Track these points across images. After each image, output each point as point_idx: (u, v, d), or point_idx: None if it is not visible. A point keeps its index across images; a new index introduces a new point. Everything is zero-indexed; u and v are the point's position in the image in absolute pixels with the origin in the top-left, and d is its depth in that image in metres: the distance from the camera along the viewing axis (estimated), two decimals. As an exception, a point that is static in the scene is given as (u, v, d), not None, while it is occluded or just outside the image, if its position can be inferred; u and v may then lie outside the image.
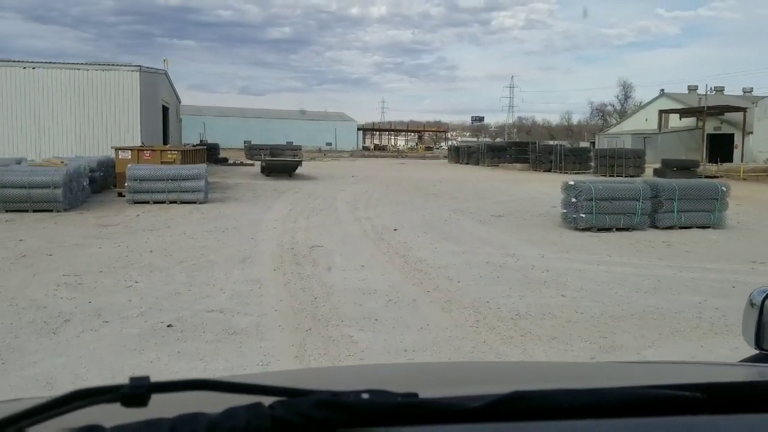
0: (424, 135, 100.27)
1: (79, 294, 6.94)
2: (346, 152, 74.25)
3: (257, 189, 21.37)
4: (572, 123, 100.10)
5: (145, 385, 0.67)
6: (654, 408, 0.80)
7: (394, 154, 75.41)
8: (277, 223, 13.07)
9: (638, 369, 1.41)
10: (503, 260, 9.19)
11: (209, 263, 8.73)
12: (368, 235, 11.70)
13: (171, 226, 12.36)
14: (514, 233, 12.03)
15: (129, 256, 9.14)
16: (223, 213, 14.53)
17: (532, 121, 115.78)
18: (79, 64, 25.89)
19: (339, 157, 60.40)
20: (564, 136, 77.66)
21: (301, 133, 79.58)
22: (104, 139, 24.89)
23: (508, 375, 1.29)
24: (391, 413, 0.73)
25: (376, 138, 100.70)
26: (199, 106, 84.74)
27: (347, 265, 8.70)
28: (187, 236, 11.06)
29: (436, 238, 11.24)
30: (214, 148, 43.96)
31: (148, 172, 16.27)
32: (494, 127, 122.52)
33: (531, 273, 8.37)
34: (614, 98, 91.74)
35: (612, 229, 12.21)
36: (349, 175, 30.41)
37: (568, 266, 8.85)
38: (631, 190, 12.35)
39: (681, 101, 49.90)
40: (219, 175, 28.63)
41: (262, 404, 0.70)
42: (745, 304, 1.45)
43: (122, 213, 14.33)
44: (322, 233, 11.70)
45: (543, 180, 29.46)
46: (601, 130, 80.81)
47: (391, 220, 13.81)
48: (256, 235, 11.37)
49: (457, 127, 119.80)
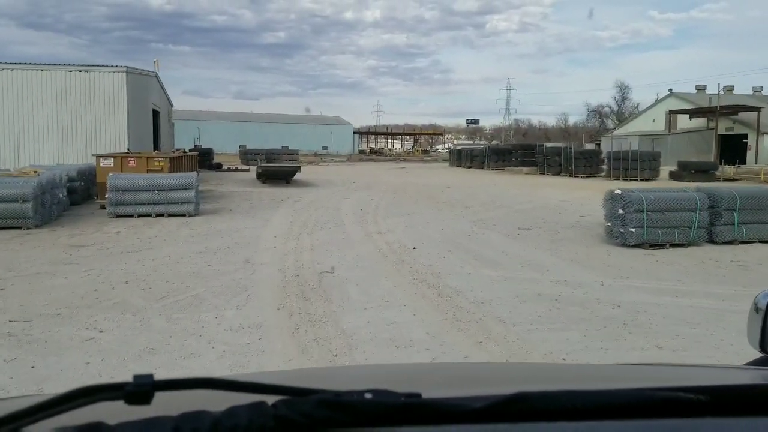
0: (420, 138, 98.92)
1: (22, 353, 5.24)
2: (342, 156, 72.82)
3: (253, 198, 19.67)
4: (569, 125, 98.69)
5: (149, 383, 0.66)
6: (658, 410, 0.79)
7: (392, 157, 73.84)
8: (278, 240, 11.38)
9: (643, 371, 1.32)
10: (557, 290, 7.52)
11: (196, 299, 7.03)
12: (384, 255, 10.02)
13: (154, 246, 10.65)
14: (553, 251, 10.37)
15: (98, 290, 7.44)
16: (216, 228, 12.83)
17: (528, 123, 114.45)
18: (61, 65, 24.11)
19: (336, 161, 58.88)
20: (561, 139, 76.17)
21: (297, 137, 78.16)
22: (89, 146, 23.13)
23: (511, 376, 1.28)
24: (394, 413, 0.73)
25: (371, 141, 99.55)
26: (193, 111, 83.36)
27: (368, 301, 7.02)
28: (172, 260, 9.36)
29: (466, 259, 9.57)
30: (208, 153, 42.23)
31: (131, 181, 14.55)
32: (489, 129, 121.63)
33: (599, 309, 6.71)
34: (611, 100, 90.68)
35: (665, 245, 10.56)
36: (349, 181, 28.75)
37: (638, 298, 7.19)
38: (686, 199, 10.70)
39: (690, 101, 48.38)
40: (212, 182, 26.93)
41: (265, 403, 0.70)
42: (750, 308, 1.42)
43: (101, 229, 12.61)
44: (331, 253, 10.02)
45: (555, 185, 27.86)
46: (598, 132, 79.60)
47: (406, 234, 12.14)
48: (254, 257, 9.67)
49: (452, 130, 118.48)
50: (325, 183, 27.28)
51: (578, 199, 20.59)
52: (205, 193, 20.73)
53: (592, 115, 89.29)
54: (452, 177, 34.25)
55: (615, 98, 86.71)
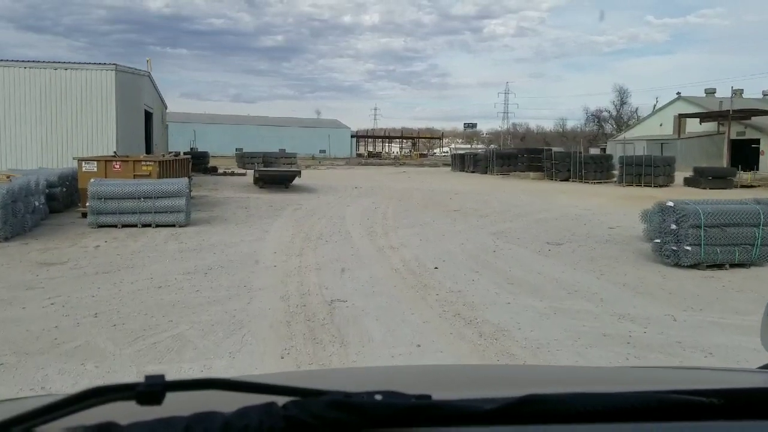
0: (417, 142, 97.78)
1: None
2: (340, 159, 71.54)
3: (250, 205, 18.26)
4: (567, 129, 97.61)
5: (161, 383, 0.66)
6: (670, 413, 0.77)
7: (391, 161, 72.50)
8: (278, 257, 9.98)
9: (654, 373, 1.31)
10: (624, 328, 6.13)
11: (178, 341, 5.62)
12: (402, 276, 8.64)
13: (136, 264, 9.24)
14: (597, 273, 9.00)
15: (60, 327, 6.03)
16: (208, 241, 11.42)
17: (526, 127, 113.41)
18: (46, 63, 22.63)
19: (334, 165, 57.52)
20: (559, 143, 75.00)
21: (294, 140, 76.95)
22: (75, 149, 21.71)
23: (522, 378, 1.26)
24: (404, 415, 0.72)
25: (369, 145, 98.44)
26: (189, 113, 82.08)
27: (394, 343, 5.63)
28: (155, 283, 7.94)
29: (499, 283, 8.20)
30: (203, 156, 40.81)
31: (114, 188, 13.13)
32: (486, 133, 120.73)
33: (687, 358, 5.32)
34: (610, 104, 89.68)
35: (724, 265, 9.20)
36: (351, 186, 27.36)
37: (728, 341, 5.81)
38: (747, 213, 9.33)
39: (699, 105, 47.10)
40: (207, 187, 25.51)
41: (275, 404, 0.69)
42: (764, 312, 1.38)
43: (78, 242, 11.19)
44: (340, 274, 8.63)
45: (568, 191, 26.52)
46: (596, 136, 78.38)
47: (422, 250, 10.76)
48: (251, 280, 8.27)
49: (449, 134, 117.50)
50: (326, 188, 25.89)
51: (597, 207, 19.26)
52: (198, 200, 19.31)
53: (590, 119, 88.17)
54: (457, 182, 32.90)
55: (614, 102, 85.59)
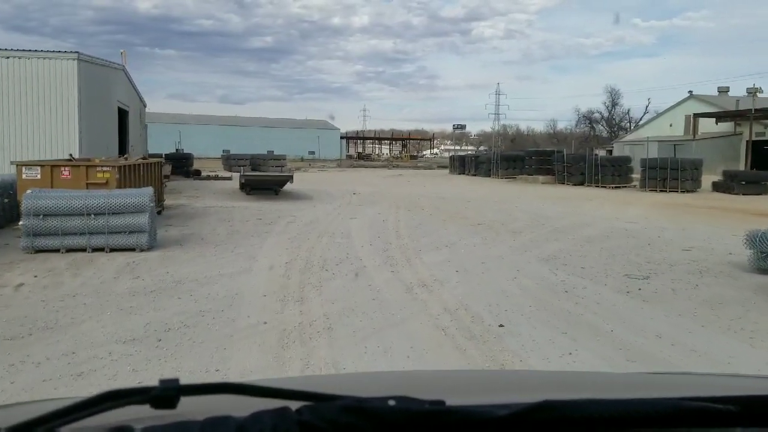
0: (408, 143, 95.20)
1: None
2: (330, 161, 68.82)
3: (234, 218, 15.31)
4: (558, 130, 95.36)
5: (175, 387, 0.67)
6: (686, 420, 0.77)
7: (383, 163, 69.72)
8: (269, 303, 7.08)
9: (671, 380, 1.28)
10: None
11: None
12: (456, 343, 5.76)
13: (59, 322, 6.28)
14: (733, 331, 6.17)
15: None
16: (174, 276, 8.49)
17: (516, 129, 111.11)
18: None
19: (325, 167, 54.75)
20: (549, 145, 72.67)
21: (283, 141, 74.18)
22: (29, 152, 18.67)
23: (536, 384, 1.24)
24: (417, 420, 0.71)
25: (359, 146, 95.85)
26: (174, 114, 78.98)
27: None
28: (73, 367, 5.00)
29: (612, 358, 5.34)
30: (186, 158, 37.83)
31: (56, 201, 10.14)
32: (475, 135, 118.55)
33: None
34: (601, 105, 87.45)
35: None
36: (348, 192, 24.48)
37: None
38: None
39: (712, 104, 44.67)
40: (187, 193, 22.51)
41: (289, 409, 0.70)
42: None
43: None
44: (364, 339, 5.76)
45: (592, 197, 23.80)
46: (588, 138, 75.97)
47: (466, 288, 7.91)
48: (228, 354, 5.35)
49: (437, 136, 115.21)
50: (321, 194, 22.99)
51: (641, 219, 16.51)
52: (173, 211, 16.33)
53: (582, 121, 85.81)
54: (463, 187, 30.12)
55: (606, 104, 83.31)
